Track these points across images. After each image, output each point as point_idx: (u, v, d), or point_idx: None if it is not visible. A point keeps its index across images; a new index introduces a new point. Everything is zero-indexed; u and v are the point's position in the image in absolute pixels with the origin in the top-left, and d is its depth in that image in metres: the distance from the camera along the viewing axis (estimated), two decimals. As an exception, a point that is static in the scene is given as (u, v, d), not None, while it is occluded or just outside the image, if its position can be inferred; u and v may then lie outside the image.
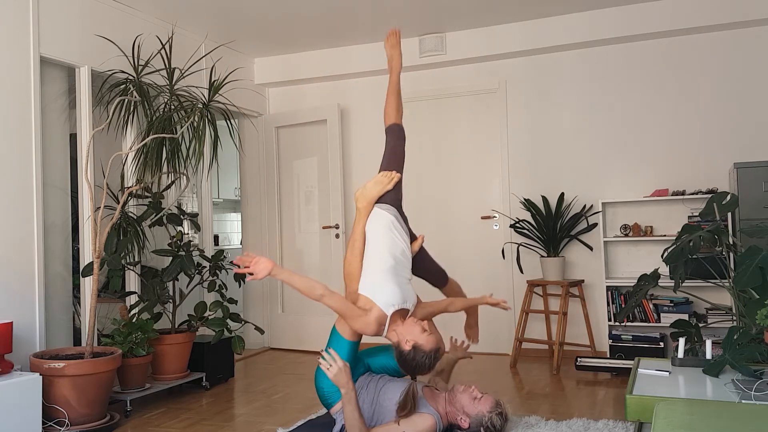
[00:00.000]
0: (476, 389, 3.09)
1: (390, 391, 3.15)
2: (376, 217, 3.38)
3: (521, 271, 5.30)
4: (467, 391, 3.09)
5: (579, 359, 4.52)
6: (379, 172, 3.51)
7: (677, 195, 4.80)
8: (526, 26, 5.24)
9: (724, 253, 4.06)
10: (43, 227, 3.88)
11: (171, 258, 4.28)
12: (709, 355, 3.43)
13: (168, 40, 4.52)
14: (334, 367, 2.96)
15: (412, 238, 3.59)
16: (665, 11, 4.86)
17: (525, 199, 5.19)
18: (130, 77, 4.37)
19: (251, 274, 3.02)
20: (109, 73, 4.36)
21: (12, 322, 3.36)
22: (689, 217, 4.70)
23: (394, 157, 3.59)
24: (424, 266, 3.62)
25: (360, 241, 3.32)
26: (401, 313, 3.15)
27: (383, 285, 3.15)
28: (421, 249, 3.62)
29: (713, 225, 3.95)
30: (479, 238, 5.53)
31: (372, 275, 3.20)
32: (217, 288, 4.49)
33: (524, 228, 5.17)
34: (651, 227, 4.94)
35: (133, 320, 4.09)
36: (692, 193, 4.78)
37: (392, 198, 3.44)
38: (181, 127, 4.30)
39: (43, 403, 3.35)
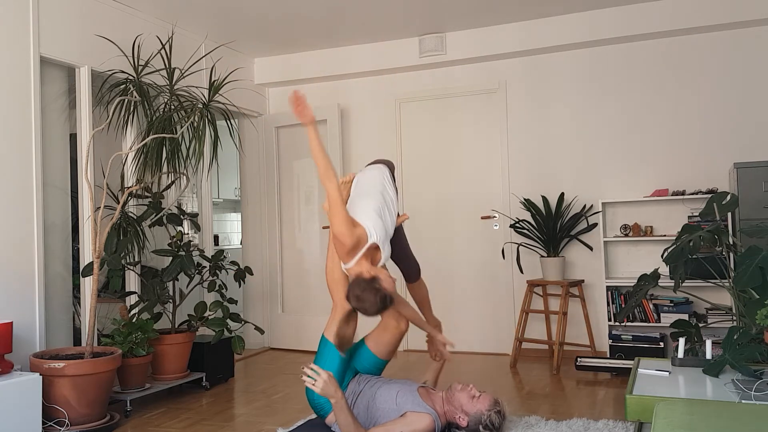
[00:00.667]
0: (474, 388, 3.09)
1: (385, 392, 3.15)
2: (371, 167, 3.46)
3: (521, 271, 5.30)
4: (465, 389, 3.09)
5: (579, 359, 4.52)
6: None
7: (677, 195, 4.80)
8: (526, 26, 5.24)
9: (724, 253, 4.06)
10: (43, 227, 3.88)
11: (171, 258, 4.28)
12: (709, 355, 3.43)
13: (168, 40, 4.52)
14: (319, 380, 2.89)
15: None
16: (665, 11, 4.86)
17: (525, 199, 5.19)
18: (130, 77, 4.37)
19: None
20: (109, 73, 4.36)
21: (12, 322, 3.36)
22: (689, 217, 4.70)
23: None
24: (401, 247, 3.54)
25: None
26: (370, 254, 3.10)
27: (373, 217, 3.13)
28: (401, 231, 3.54)
29: (713, 225, 3.95)
30: (479, 238, 5.53)
31: (363, 206, 3.20)
32: (217, 288, 4.49)
33: (524, 228, 5.17)
34: (651, 227, 4.94)
35: (133, 320, 4.09)
36: (692, 193, 4.78)
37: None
38: (181, 127, 4.30)
39: (43, 403, 3.36)
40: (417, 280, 3.71)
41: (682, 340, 3.52)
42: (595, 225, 5.07)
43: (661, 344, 4.64)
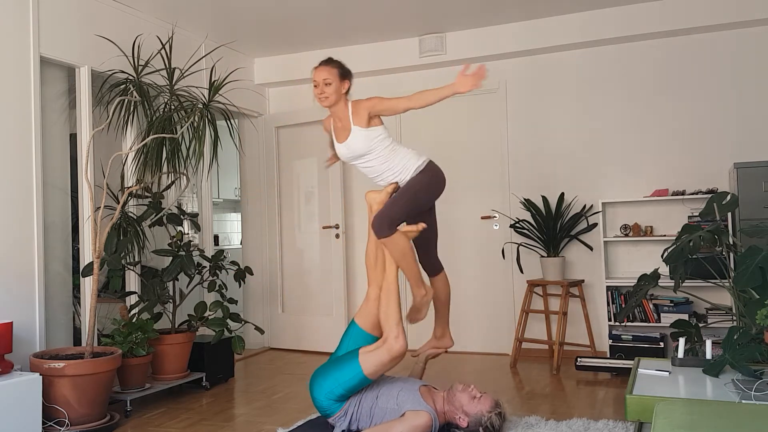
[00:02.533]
0: (475, 389, 3.09)
1: (387, 392, 3.16)
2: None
3: (521, 271, 5.30)
4: (466, 390, 3.09)
5: (579, 359, 4.52)
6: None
7: (677, 195, 4.80)
8: (526, 26, 5.24)
9: (724, 253, 4.05)
10: (43, 227, 3.88)
11: (171, 258, 4.28)
12: (709, 355, 3.43)
13: (168, 40, 4.52)
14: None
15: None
16: (665, 11, 4.86)
17: (525, 199, 5.20)
18: (130, 77, 4.37)
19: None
20: (109, 73, 4.36)
21: (12, 322, 3.36)
22: (689, 217, 4.70)
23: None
24: (429, 235, 3.56)
25: (396, 287, 3.34)
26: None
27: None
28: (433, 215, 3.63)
29: (713, 225, 3.95)
30: (479, 238, 5.53)
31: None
32: (217, 288, 4.49)
33: (524, 228, 5.17)
34: (651, 227, 4.94)
35: (133, 320, 4.09)
36: (692, 193, 4.78)
37: None
38: (181, 127, 4.30)
39: (43, 403, 3.35)
40: (437, 274, 3.67)
41: (682, 340, 3.52)
42: (595, 225, 5.07)
43: (661, 344, 4.64)
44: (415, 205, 3.37)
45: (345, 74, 3.56)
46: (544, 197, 5.17)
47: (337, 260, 5.68)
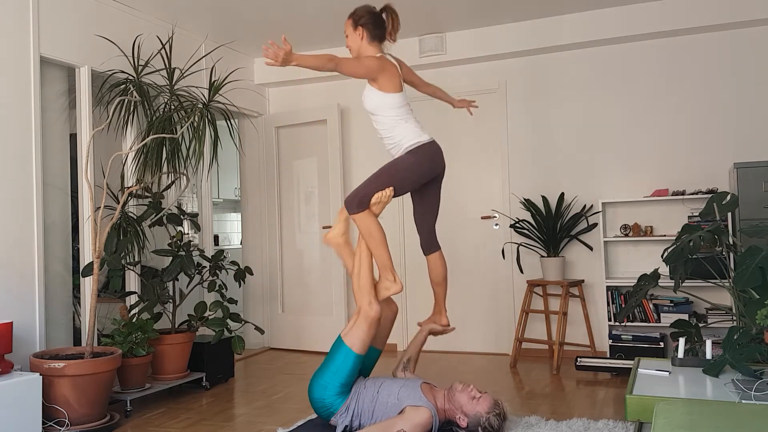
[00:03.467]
0: (475, 389, 3.09)
1: (388, 388, 3.16)
2: None
3: (521, 271, 5.30)
4: (466, 390, 3.09)
5: (579, 359, 4.52)
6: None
7: (677, 195, 4.80)
8: (526, 26, 5.24)
9: (724, 253, 4.06)
10: (43, 227, 3.88)
11: (171, 258, 4.28)
12: (709, 355, 3.43)
13: (168, 40, 4.52)
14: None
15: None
16: (665, 11, 4.86)
17: (525, 199, 5.20)
18: (130, 77, 4.37)
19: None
20: (109, 73, 4.36)
21: (12, 322, 3.36)
22: (689, 217, 4.70)
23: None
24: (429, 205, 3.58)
25: (368, 255, 3.42)
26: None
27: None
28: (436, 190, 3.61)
29: (713, 225, 3.95)
30: (479, 238, 5.53)
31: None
32: (217, 288, 4.49)
33: (524, 228, 5.17)
34: (651, 227, 4.94)
35: (133, 320, 4.09)
36: (692, 193, 4.78)
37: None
38: (181, 127, 4.30)
39: (43, 403, 3.35)
40: (433, 252, 3.63)
41: (682, 340, 3.52)
42: (595, 225, 5.07)
43: (661, 344, 4.64)
44: (396, 183, 3.35)
45: (356, 22, 3.46)
46: (544, 197, 5.17)
47: (337, 260, 5.68)
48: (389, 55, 3.51)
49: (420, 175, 3.41)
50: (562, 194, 5.16)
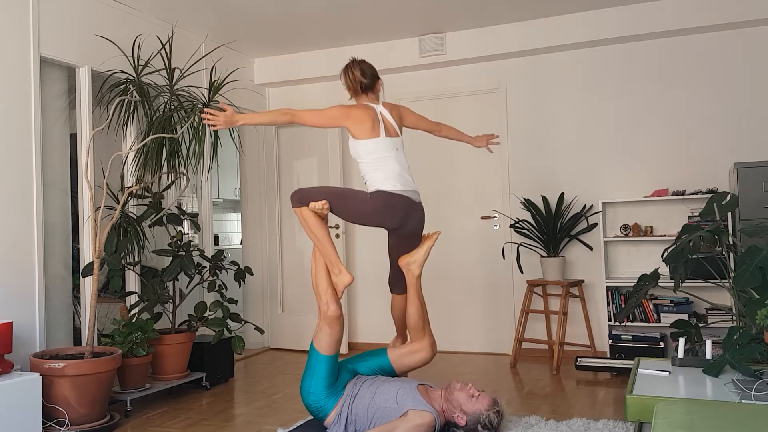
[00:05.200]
0: (473, 387, 3.09)
1: (385, 391, 3.16)
2: None
3: (521, 271, 5.30)
4: (464, 389, 3.09)
5: (579, 359, 4.52)
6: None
7: (677, 195, 4.80)
8: (526, 26, 5.24)
9: (724, 253, 4.05)
10: (43, 227, 3.88)
11: (171, 258, 4.28)
12: (709, 355, 3.43)
13: (168, 40, 4.52)
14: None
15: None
16: (665, 11, 4.86)
17: (525, 199, 5.19)
18: (130, 77, 4.37)
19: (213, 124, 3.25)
20: (109, 73, 4.36)
21: (12, 322, 3.36)
22: (689, 217, 4.70)
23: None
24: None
25: (321, 258, 3.49)
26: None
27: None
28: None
29: (713, 225, 3.95)
30: (479, 238, 5.53)
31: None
32: (217, 288, 4.49)
33: (524, 228, 5.17)
34: (651, 227, 4.94)
35: (133, 320, 4.09)
36: (692, 193, 4.78)
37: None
38: (181, 127, 4.30)
39: (43, 403, 3.35)
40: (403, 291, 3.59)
41: (682, 340, 3.52)
42: (595, 225, 5.07)
43: (661, 344, 4.64)
44: (339, 205, 3.38)
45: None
46: (544, 197, 5.17)
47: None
48: (372, 104, 3.53)
49: (367, 217, 3.38)
50: (562, 194, 5.16)
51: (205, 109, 3.30)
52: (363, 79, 3.52)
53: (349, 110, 3.43)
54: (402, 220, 3.38)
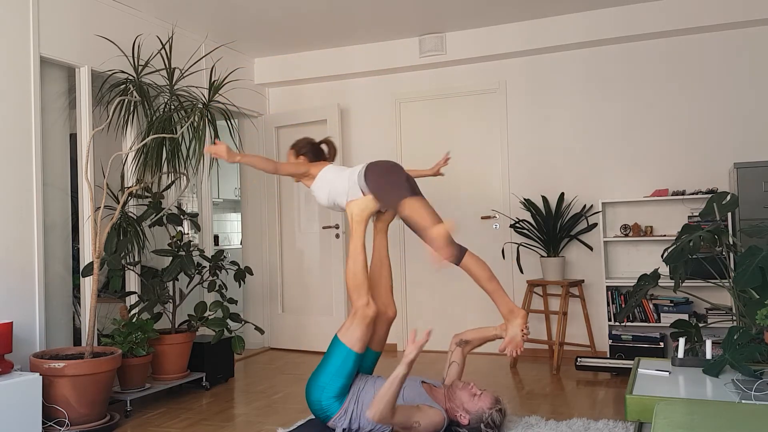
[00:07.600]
0: (475, 386, 3.10)
1: None
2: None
3: (521, 271, 5.30)
4: (466, 388, 3.10)
5: (579, 359, 4.52)
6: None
7: (677, 195, 4.80)
8: (526, 26, 5.24)
9: (724, 253, 4.05)
10: (43, 227, 3.88)
11: (171, 258, 4.28)
12: (709, 355, 3.43)
13: (168, 40, 4.52)
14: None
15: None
16: (665, 11, 4.86)
17: (525, 199, 5.19)
18: (130, 77, 4.37)
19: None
20: (109, 73, 4.36)
21: (12, 322, 3.36)
22: (689, 217, 4.70)
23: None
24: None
25: (362, 254, 3.35)
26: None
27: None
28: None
29: (713, 225, 3.95)
30: (479, 238, 5.53)
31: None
32: (217, 288, 4.49)
33: (524, 228, 5.17)
34: (651, 227, 4.94)
35: (133, 320, 4.09)
36: (692, 193, 4.78)
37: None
38: (181, 127, 4.30)
39: (43, 403, 3.35)
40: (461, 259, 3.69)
41: (682, 340, 3.52)
42: (595, 225, 5.07)
43: (661, 344, 4.64)
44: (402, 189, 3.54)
45: (297, 152, 3.74)
46: (544, 197, 5.17)
47: (337, 260, 5.68)
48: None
49: (394, 175, 3.53)
50: (562, 194, 5.16)
51: (206, 148, 3.39)
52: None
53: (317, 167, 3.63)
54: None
